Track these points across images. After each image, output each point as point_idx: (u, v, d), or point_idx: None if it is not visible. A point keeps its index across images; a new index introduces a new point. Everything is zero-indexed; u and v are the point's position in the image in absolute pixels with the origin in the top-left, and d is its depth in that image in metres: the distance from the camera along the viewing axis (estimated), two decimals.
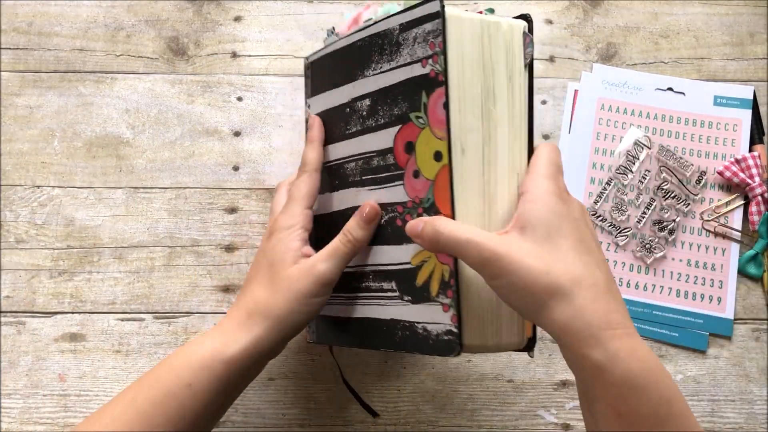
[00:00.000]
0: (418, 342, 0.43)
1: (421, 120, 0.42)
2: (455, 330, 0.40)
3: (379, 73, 0.45)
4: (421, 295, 0.42)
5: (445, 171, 0.40)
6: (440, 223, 0.39)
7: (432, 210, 0.41)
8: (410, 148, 0.43)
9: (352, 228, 0.45)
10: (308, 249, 0.46)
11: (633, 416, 0.36)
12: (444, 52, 0.40)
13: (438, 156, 0.41)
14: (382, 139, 0.45)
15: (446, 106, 0.40)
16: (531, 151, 0.43)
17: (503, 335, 0.42)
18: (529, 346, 0.44)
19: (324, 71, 0.52)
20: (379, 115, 0.46)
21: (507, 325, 0.43)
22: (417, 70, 0.42)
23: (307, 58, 0.54)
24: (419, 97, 0.42)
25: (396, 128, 0.44)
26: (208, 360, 0.43)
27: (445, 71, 0.40)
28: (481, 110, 0.41)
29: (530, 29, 0.44)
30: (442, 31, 0.40)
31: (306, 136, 0.51)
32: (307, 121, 0.53)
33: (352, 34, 0.48)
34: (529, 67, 0.44)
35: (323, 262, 0.45)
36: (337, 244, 0.45)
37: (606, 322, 0.36)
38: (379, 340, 0.46)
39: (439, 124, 0.40)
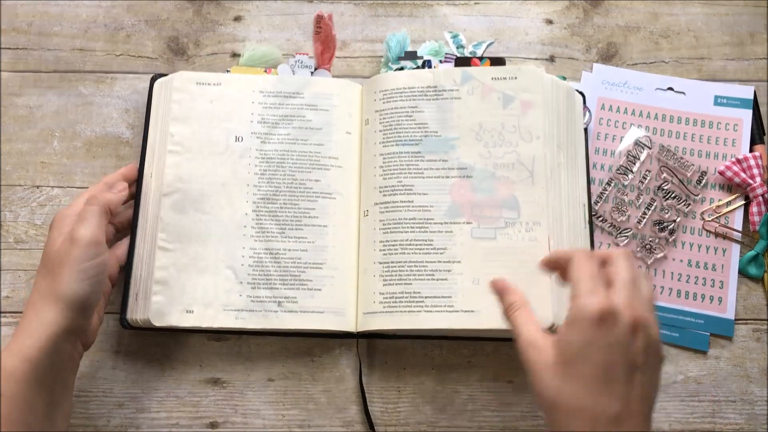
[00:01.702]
0: None
1: None
2: None
3: None
4: None
5: None
6: (516, 315, 0.44)
7: None
8: None
9: (97, 191, 0.53)
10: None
11: None
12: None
13: None
14: None
15: None
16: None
17: None
18: None
19: None
20: None
21: None
22: None
23: None
24: None
25: None
26: (11, 364, 0.44)
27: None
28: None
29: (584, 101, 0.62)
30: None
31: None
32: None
33: None
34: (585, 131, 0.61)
35: (78, 226, 0.48)
36: (83, 208, 0.50)
37: None
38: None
39: None
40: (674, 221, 0.61)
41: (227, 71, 0.63)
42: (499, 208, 0.55)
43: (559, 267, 0.45)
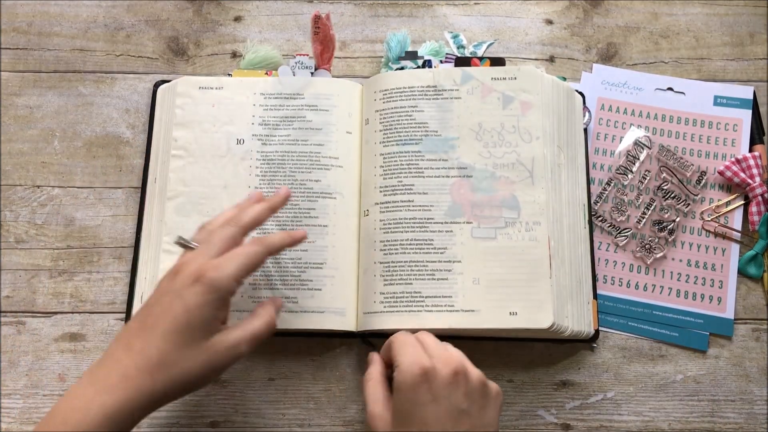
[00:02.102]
0: None
1: None
2: None
3: None
4: None
5: None
6: (367, 386, 0.48)
7: None
8: None
9: (270, 312, 0.48)
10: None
11: None
12: None
13: None
14: None
15: None
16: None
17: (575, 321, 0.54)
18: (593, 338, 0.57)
19: None
20: None
21: (578, 314, 0.55)
22: None
23: None
24: None
25: None
26: (91, 417, 0.40)
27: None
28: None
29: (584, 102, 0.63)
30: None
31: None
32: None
33: None
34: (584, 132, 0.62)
35: (246, 343, 0.45)
36: (259, 325, 0.46)
37: None
38: None
39: None
40: (674, 221, 0.61)
41: (228, 74, 0.63)
42: (499, 208, 0.56)
43: (387, 357, 0.49)
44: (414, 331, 0.49)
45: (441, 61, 0.63)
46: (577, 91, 0.63)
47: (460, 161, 0.57)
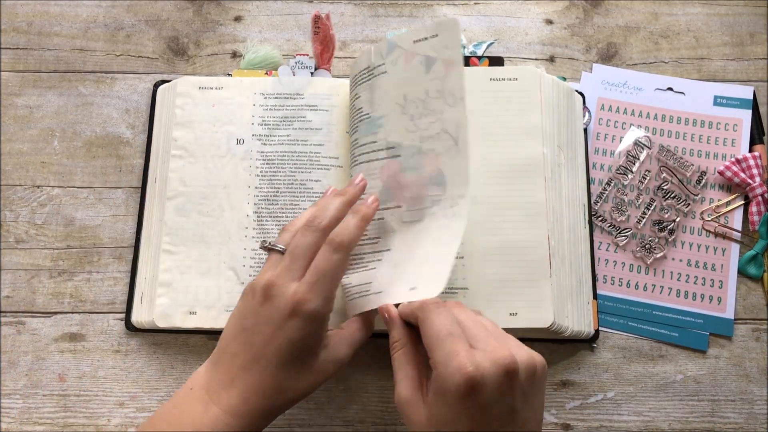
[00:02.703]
0: None
1: None
2: None
3: None
4: None
5: None
6: (398, 356, 0.44)
7: None
8: None
9: (368, 316, 0.47)
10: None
11: None
12: None
13: None
14: None
15: None
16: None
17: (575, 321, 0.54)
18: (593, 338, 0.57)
19: None
20: None
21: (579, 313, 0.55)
22: None
23: None
24: None
25: None
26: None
27: None
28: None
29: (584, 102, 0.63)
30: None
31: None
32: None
33: None
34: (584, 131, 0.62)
35: (349, 352, 0.46)
36: (359, 332, 0.47)
37: None
38: None
39: None
40: (674, 221, 0.61)
41: (228, 74, 0.63)
42: (427, 187, 0.50)
43: (413, 320, 0.43)
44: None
45: None
46: (577, 91, 0.63)
47: (388, 141, 0.52)
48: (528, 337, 0.57)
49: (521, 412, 0.38)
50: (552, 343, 0.58)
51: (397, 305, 0.46)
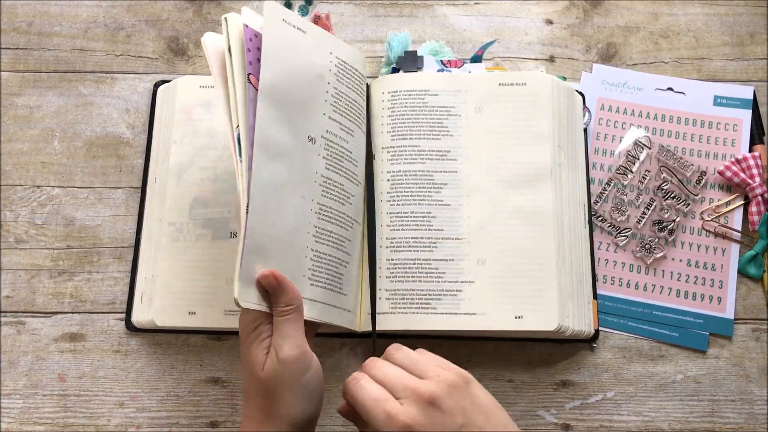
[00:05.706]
0: None
1: None
2: None
3: None
4: None
5: None
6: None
7: None
8: None
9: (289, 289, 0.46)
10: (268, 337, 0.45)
11: None
12: None
13: None
14: None
15: None
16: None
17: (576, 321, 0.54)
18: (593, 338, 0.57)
19: None
20: None
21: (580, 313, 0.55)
22: None
23: None
24: None
25: None
26: None
27: None
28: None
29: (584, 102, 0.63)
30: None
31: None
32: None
33: None
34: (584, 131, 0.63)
35: (281, 346, 0.44)
36: (277, 321, 0.45)
37: None
38: None
39: None
40: (674, 221, 0.61)
41: None
42: None
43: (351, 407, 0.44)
44: (409, 345, 0.46)
45: (442, 62, 0.63)
46: (577, 91, 0.63)
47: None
48: (529, 337, 0.58)
49: (469, 425, 0.39)
50: (552, 343, 0.58)
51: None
